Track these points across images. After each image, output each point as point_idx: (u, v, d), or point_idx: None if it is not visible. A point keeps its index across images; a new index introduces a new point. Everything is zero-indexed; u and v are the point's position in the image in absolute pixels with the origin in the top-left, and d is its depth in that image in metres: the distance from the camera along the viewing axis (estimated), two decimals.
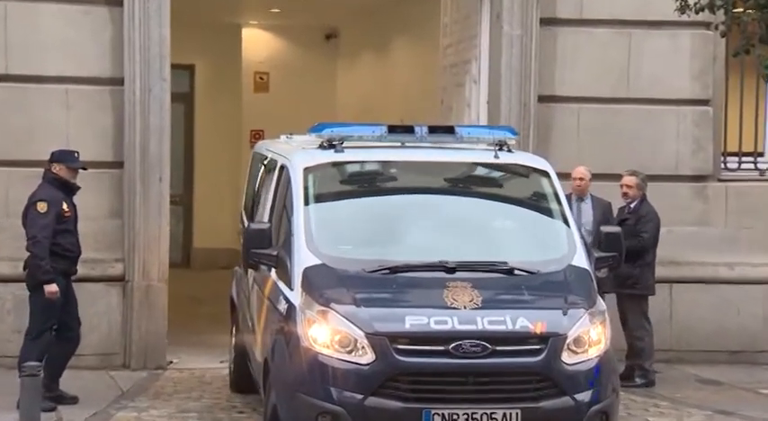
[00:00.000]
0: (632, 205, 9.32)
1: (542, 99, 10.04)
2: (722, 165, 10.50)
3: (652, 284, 9.31)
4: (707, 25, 9.95)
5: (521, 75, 9.92)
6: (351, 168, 7.19)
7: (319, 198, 6.86)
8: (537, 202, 7.15)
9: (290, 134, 8.37)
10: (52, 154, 8.34)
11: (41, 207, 7.97)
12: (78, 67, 9.48)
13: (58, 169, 8.19)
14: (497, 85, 9.97)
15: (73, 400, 8.17)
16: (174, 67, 9.76)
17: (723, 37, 8.59)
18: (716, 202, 10.37)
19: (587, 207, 9.53)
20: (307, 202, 6.76)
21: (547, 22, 10.04)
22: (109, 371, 9.04)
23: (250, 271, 7.70)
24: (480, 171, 7.28)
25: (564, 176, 9.83)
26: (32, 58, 9.42)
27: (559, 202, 7.01)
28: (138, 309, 9.45)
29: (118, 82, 9.49)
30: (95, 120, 9.51)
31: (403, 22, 13.69)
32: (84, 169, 8.38)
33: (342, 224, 6.86)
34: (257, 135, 14.75)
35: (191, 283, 12.96)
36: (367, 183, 7.32)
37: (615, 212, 9.43)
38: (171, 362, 9.66)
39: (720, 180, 10.43)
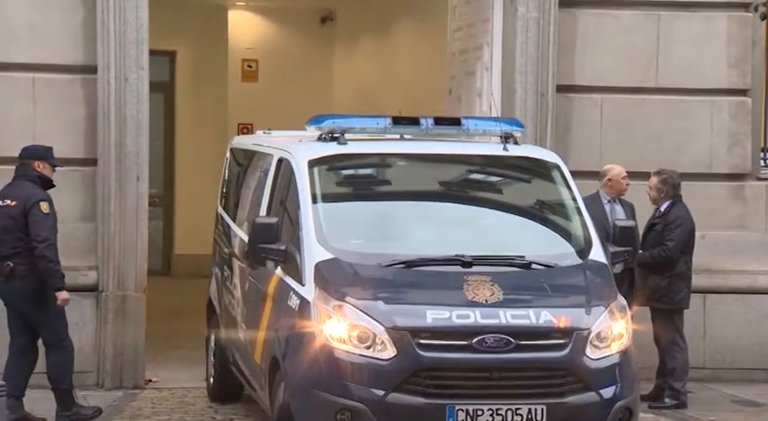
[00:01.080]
0: (662, 208, 9.26)
1: (561, 89, 10.01)
2: (762, 163, 10.48)
3: (685, 297, 9.24)
4: (745, 6, 9.92)
5: (537, 62, 9.89)
6: (356, 161, 7.53)
7: (326, 191, 7.21)
8: (550, 196, 7.55)
9: (269, 129, 8.78)
10: (31, 150, 8.34)
11: (45, 207, 7.99)
12: (46, 54, 9.44)
13: (42, 167, 8.22)
14: (511, 73, 9.94)
15: None
16: (152, 53, 9.72)
17: (763, 20, 8.58)
18: (755, 204, 10.34)
19: (619, 208, 9.50)
20: (314, 196, 7.10)
21: (566, 3, 10.01)
22: (80, 390, 9.00)
23: (240, 270, 8.10)
24: (490, 163, 7.65)
25: (584, 175, 9.85)
26: None
27: (573, 196, 7.41)
28: (113, 322, 9.41)
29: (90, 70, 9.46)
30: (65, 113, 9.48)
31: (406, 3, 13.67)
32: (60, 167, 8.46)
33: (351, 218, 7.26)
34: (246, 129, 14.74)
35: (171, 293, 12.94)
36: (374, 175, 7.73)
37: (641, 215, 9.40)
38: (149, 380, 9.63)
39: (760, 178, 10.40)
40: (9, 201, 8.08)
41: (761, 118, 10.48)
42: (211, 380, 9.05)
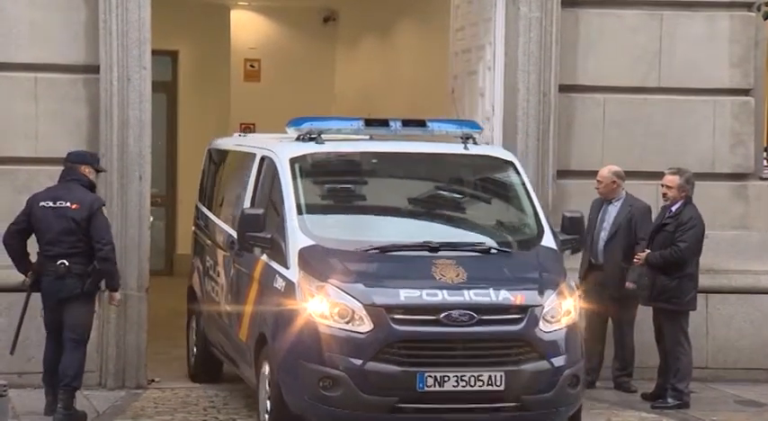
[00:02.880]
0: (673, 208, 9.18)
1: (564, 88, 10.00)
2: (765, 162, 10.46)
3: (693, 299, 9.18)
4: (748, 6, 9.92)
5: (540, 61, 9.88)
6: (333, 158, 8.41)
7: (306, 185, 8.06)
8: (506, 189, 8.46)
9: (243, 131, 9.68)
10: (78, 155, 8.60)
11: (105, 211, 8.46)
12: (48, 54, 9.43)
13: (88, 172, 8.47)
14: (514, 72, 9.94)
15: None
16: (155, 53, 9.71)
17: (766, 19, 8.57)
18: (757, 204, 10.33)
19: (614, 209, 9.49)
20: (296, 189, 7.94)
21: (569, 3, 10.00)
22: (83, 390, 9.00)
23: (223, 258, 8.92)
24: (453, 161, 8.50)
25: (586, 175, 9.86)
26: None
27: (526, 189, 8.29)
28: (116, 323, 9.41)
29: (93, 70, 9.45)
30: (67, 113, 9.47)
31: (409, 2, 13.66)
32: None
33: (329, 209, 8.25)
34: (248, 129, 14.72)
35: (173, 293, 12.87)
36: (349, 171, 8.54)
37: (655, 213, 9.38)
38: (152, 380, 9.62)
39: (762, 178, 10.39)
40: (69, 204, 8.27)
41: (764, 118, 10.47)
42: (192, 360, 9.73)
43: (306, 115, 8.59)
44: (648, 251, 9.11)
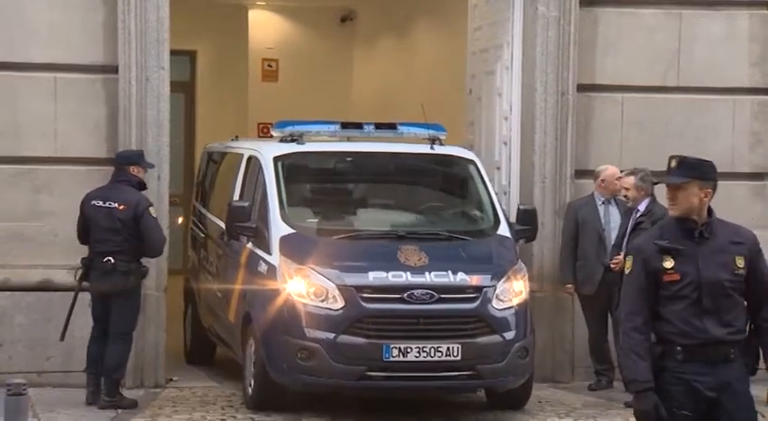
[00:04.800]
0: (641, 207, 9.10)
1: (582, 88, 10.00)
2: None
3: None
4: (767, 5, 9.88)
5: (558, 61, 9.89)
6: (313, 157, 9.38)
7: (288, 181, 8.94)
8: (467, 185, 9.35)
9: (236, 137, 10.67)
10: (125, 156, 8.94)
11: (153, 212, 8.80)
12: (67, 54, 9.47)
13: (137, 171, 8.85)
14: (532, 72, 9.94)
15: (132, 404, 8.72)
16: (173, 53, 9.75)
17: None
18: None
19: (614, 209, 9.47)
20: (278, 184, 8.83)
21: (587, 2, 10.00)
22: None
23: (215, 250, 9.79)
24: (420, 160, 9.46)
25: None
26: (16, 43, 9.42)
27: (485, 185, 9.14)
28: None
29: (111, 70, 9.48)
30: (86, 113, 9.51)
31: (427, 2, 13.67)
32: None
33: (308, 202, 9.24)
34: (266, 128, 14.75)
35: None
36: (326, 168, 9.56)
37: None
38: (170, 379, 9.66)
39: None
40: (116, 205, 8.67)
41: None
42: (188, 344, 10.51)
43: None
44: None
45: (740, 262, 5.37)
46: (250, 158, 9.40)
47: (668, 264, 5.30)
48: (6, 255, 9.34)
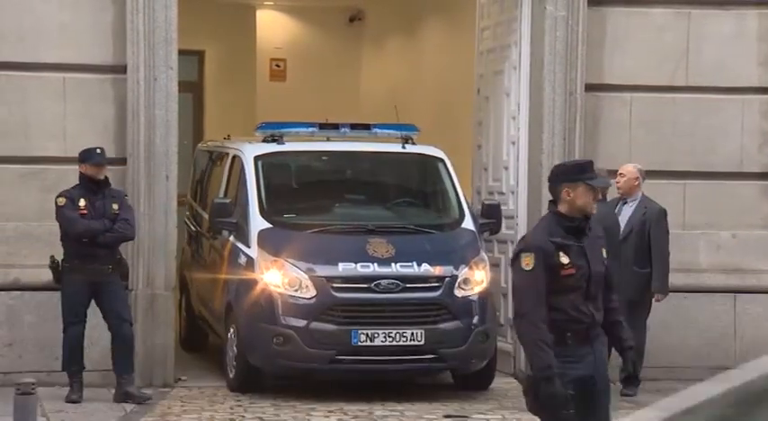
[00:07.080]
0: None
1: (590, 88, 10.01)
2: None
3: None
4: None
5: (566, 61, 9.90)
6: (291, 156, 10.01)
7: (267, 178, 9.53)
8: (434, 181, 9.96)
9: (228, 136, 11.03)
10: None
11: (61, 201, 8.86)
12: (76, 54, 9.52)
13: (84, 169, 8.94)
14: (540, 72, 9.96)
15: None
16: (181, 53, 9.79)
17: None
18: None
19: (629, 210, 9.48)
20: (257, 182, 9.41)
21: (595, 1, 10.01)
22: (111, 388, 9.08)
23: (205, 243, 10.37)
24: (391, 158, 10.09)
25: (613, 175, 9.83)
26: (25, 44, 9.47)
27: (452, 181, 9.68)
28: (143, 321, 9.47)
29: (120, 70, 9.53)
30: (95, 113, 9.55)
31: (435, 2, 13.68)
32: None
33: (285, 198, 9.77)
34: None
35: None
36: (304, 167, 10.28)
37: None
38: (179, 379, 9.69)
39: None
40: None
41: None
42: (182, 333, 10.93)
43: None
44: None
45: (605, 253, 5.94)
46: (234, 157, 9.95)
47: (564, 259, 5.71)
48: (16, 255, 9.40)
